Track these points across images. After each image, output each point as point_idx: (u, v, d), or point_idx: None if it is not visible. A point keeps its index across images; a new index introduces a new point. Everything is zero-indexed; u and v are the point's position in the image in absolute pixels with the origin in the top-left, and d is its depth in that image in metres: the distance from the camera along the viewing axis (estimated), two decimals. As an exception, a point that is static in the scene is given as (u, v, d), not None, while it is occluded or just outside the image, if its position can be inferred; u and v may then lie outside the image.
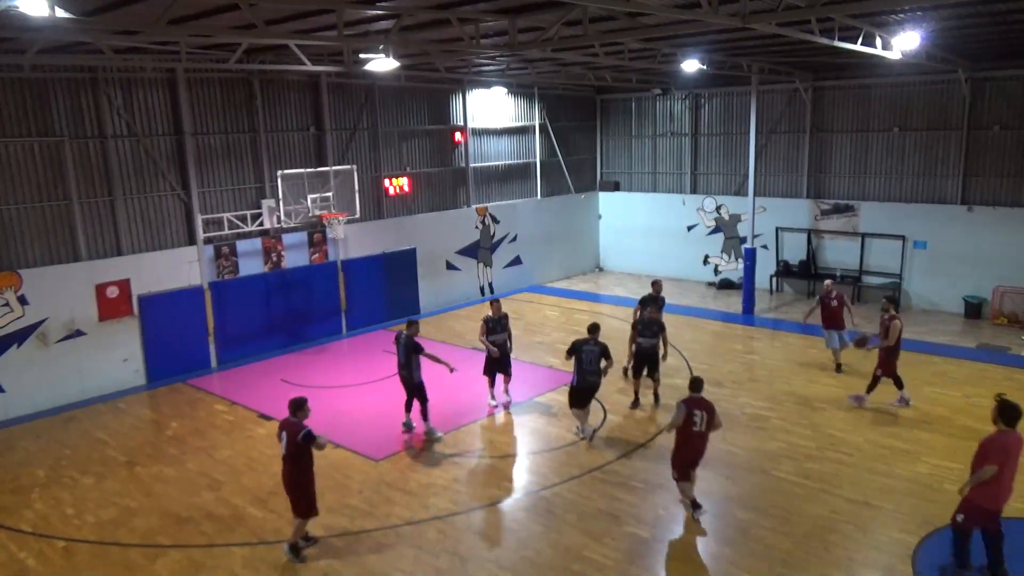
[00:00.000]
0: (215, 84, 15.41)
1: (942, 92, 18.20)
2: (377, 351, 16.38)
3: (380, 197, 18.66)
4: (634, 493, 9.72)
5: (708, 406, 8.88)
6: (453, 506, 9.51)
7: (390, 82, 18.37)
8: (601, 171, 25.24)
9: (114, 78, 14.01)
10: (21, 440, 12.21)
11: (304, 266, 17.16)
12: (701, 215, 22.86)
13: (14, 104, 12.93)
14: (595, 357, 11.15)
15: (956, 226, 18.16)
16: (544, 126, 22.88)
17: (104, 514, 9.64)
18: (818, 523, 8.84)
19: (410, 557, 8.39)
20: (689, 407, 8.74)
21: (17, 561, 8.62)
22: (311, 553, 8.52)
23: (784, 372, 14.34)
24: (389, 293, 18.94)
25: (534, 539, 8.74)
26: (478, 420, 12.31)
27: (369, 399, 13.49)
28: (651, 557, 8.34)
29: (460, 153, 20.64)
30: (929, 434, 11.29)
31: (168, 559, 8.53)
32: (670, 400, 12.99)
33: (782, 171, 21.17)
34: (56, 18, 7.85)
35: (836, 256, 20.27)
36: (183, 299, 15.13)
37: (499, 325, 12.71)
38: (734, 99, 21.86)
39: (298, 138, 16.93)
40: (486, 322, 12.68)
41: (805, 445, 10.98)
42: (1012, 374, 13.90)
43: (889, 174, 19.32)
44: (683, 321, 18.02)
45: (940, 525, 8.69)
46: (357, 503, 9.65)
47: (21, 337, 13.21)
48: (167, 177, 14.91)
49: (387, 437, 11.74)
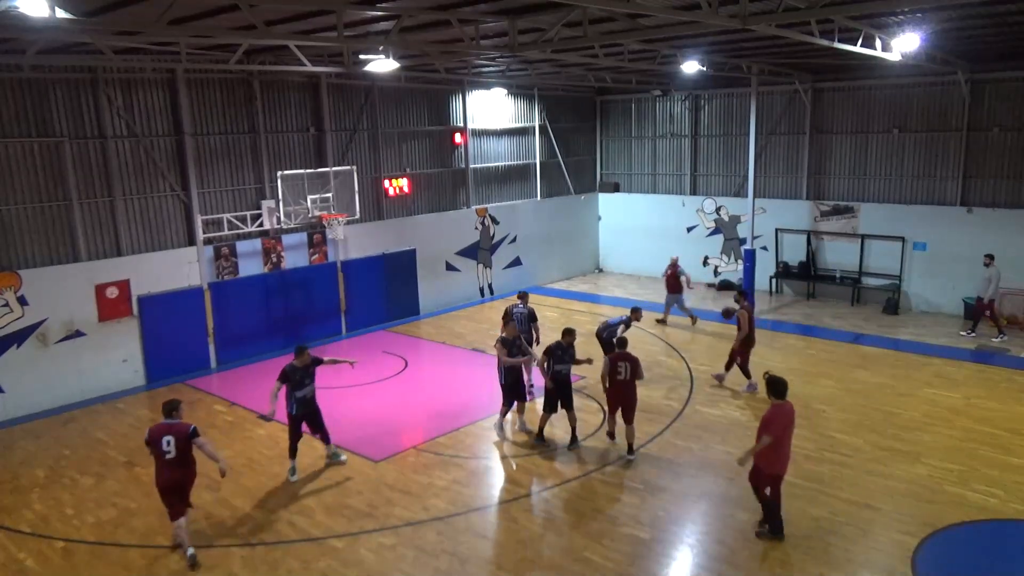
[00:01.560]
0: (215, 85, 15.41)
1: (942, 94, 18.22)
2: (377, 352, 16.40)
3: (380, 198, 18.66)
4: (634, 494, 9.71)
5: (632, 359, 10.62)
6: (453, 507, 9.51)
7: (390, 83, 18.38)
8: (601, 172, 25.26)
9: (114, 78, 14.01)
10: (21, 440, 12.21)
11: (304, 267, 17.17)
12: (701, 216, 22.87)
13: (14, 104, 12.93)
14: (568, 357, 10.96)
15: (956, 228, 18.16)
16: (544, 127, 22.89)
17: (103, 514, 9.63)
18: (818, 524, 8.84)
19: (410, 558, 8.39)
20: (613, 360, 10.59)
21: (16, 561, 8.62)
22: (309, 554, 8.52)
23: (783, 373, 14.18)
24: (389, 294, 18.95)
25: (534, 540, 8.74)
26: (477, 421, 12.30)
27: (369, 400, 13.50)
28: (650, 558, 8.33)
29: (460, 154, 20.65)
30: (929, 435, 11.30)
31: (167, 559, 8.52)
32: (671, 399, 13.02)
33: (782, 172, 21.19)
34: (56, 19, 7.86)
35: (836, 257, 20.28)
36: (183, 300, 15.13)
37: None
38: (734, 100, 21.88)
39: (298, 139, 16.94)
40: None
41: (804, 446, 10.96)
42: (1012, 375, 13.92)
43: (889, 175, 19.33)
44: (682, 322, 18.03)
45: (940, 526, 8.71)
46: (357, 504, 9.65)
47: (21, 337, 13.20)
48: (167, 178, 14.92)
49: (386, 438, 11.74)
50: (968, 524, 8.80)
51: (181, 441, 8.29)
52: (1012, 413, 12.08)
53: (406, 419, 12.71)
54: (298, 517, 9.36)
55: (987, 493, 9.48)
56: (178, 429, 8.34)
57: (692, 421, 12.11)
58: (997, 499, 9.34)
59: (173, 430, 8.32)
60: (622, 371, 10.54)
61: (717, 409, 12.61)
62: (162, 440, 8.28)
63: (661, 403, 12.87)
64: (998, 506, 9.19)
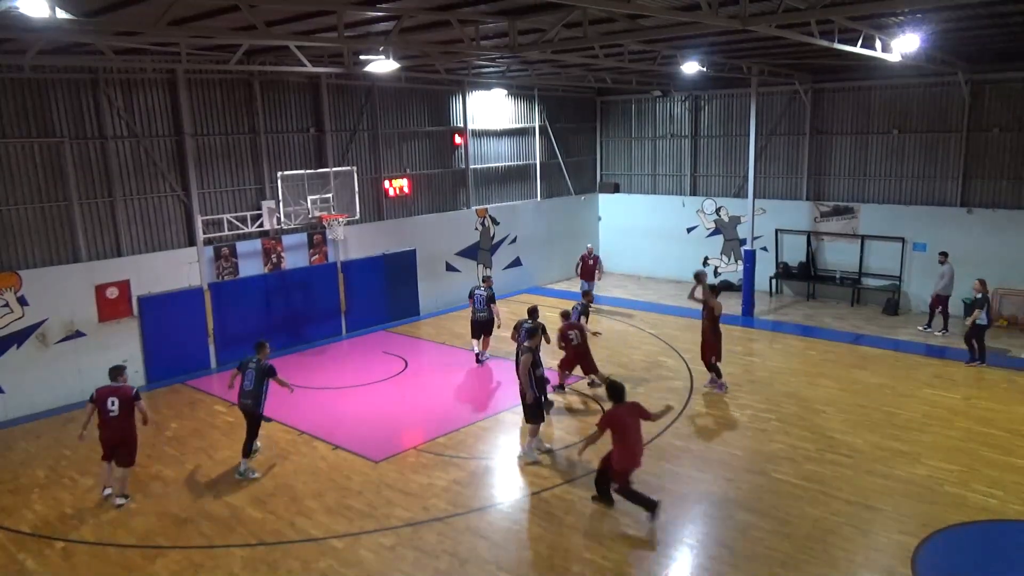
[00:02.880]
0: (215, 85, 15.42)
1: (942, 94, 18.22)
2: (377, 352, 16.40)
3: (380, 198, 18.66)
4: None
5: (578, 327, 13.24)
6: (453, 507, 9.51)
7: (390, 83, 18.39)
8: (601, 173, 25.26)
9: (114, 79, 14.02)
10: (21, 440, 12.22)
11: (304, 267, 17.17)
12: (701, 217, 22.87)
13: (14, 105, 12.93)
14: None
15: (956, 228, 18.15)
16: (544, 128, 22.90)
17: (103, 515, 9.63)
18: (818, 525, 8.84)
19: (410, 558, 8.39)
20: (563, 329, 13.19)
21: (16, 562, 8.61)
22: (309, 555, 8.52)
23: (783, 374, 14.34)
24: (389, 294, 18.95)
25: (533, 541, 8.74)
26: (477, 422, 12.30)
27: (369, 400, 13.50)
28: (650, 558, 8.33)
29: (460, 154, 20.65)
30: (928, 436, 11.30)
31: (167, 560, 8.52)
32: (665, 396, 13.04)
33: (782, 173, 21.19)
34: (56, 19, 7.87)
35: (836, 258, 20.28)
36: (183, 300, 15.13)
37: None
38: (734, 101, 21.88)
39: (298, 139, 16.94)
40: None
41: (804, 447, 10.98)
42: (1012, 376, 13.91)
43: (889, 176, 19.33)
44: (682, 323, 18.02)
45: (940, 527, 8.71)
46: (357, 504, 9.65)
47: (21, 338, 13.21)
48: (167, 178, 14.92)
49: (387, 438, 11.74)
50: (968, 524, 8.79)
51: (125, 402, 9.59)
52: (1012, 414, 12.08)
53: (406, 419, 12.71)
54: (298, 517, 9.36)
55: (987, 494, 9.48)
56: (123, 392, 9.64)
57: (692, 421, 12.12)
58: (997, 500, 9.34)
59: (119, 392, 9.62)
60: (572, 337, 13.11)
61: (717, 409, 12.61)
62: (107, 400, 9.58)
63: (661, 403, 12.81)
64: (998, 507, 9.19)
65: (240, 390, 10.53)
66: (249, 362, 10.54)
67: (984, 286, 14.53)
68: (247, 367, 10.51)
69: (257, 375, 10.41)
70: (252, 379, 10.42)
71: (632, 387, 13.62)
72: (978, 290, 14.52)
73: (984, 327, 14.47)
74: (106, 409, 9.54)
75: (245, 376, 10.50)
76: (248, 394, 10.45)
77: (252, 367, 10.48)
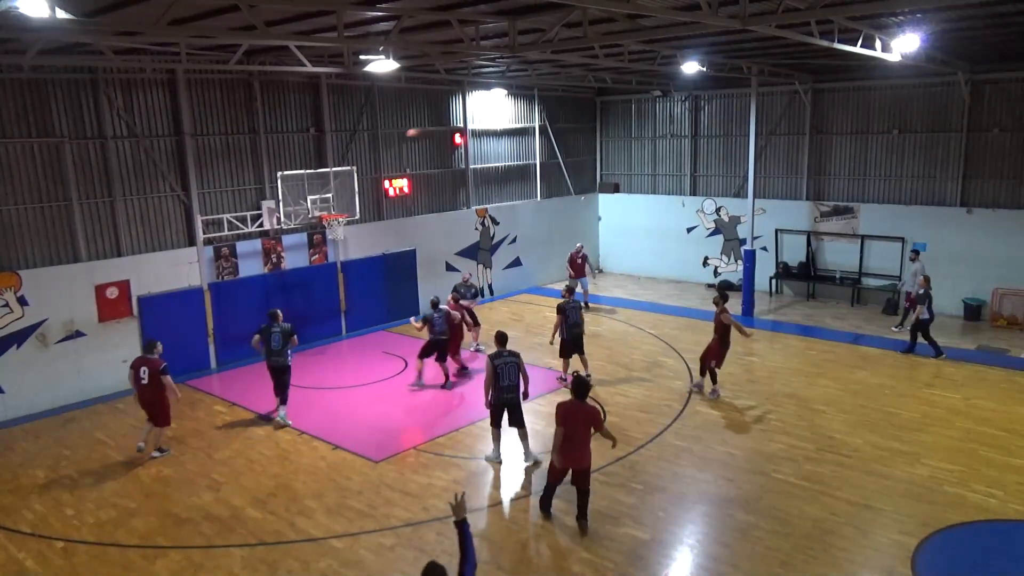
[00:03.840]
0: (215, 85, 15.42)
1: (941, 94, 18.22)
2: (377, 352, 16.40)
3: (380, 198, 18.66)
4: (633, 495, 9.71)
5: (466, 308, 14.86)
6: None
7: (390, 83, 18.38)
8: (601, 173, 25.27)
9: (114, 79, 14.02)
10: (21, 440, 12.21)
11: (304, 267, 17.16)
12: (701, 217, 22.87)
13: (14, 105, 12.93)
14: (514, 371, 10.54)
15: (955, 228, 18.16)
16: (544, 128, 22.89)
17: (103, 515, 9.63)
18: (817, 525, 8.84)
19: (410, 559, 8.39)
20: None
21: (16, 562, 8.62)
22: (309, 555, 8.53)
23: (783, 374, 14.35)
24: (389, 294, 18.95)
25: (534, 540, 8.74)
26: (477, 422, 12.30)
27: (369, 400, 13.51)
28: (650, 559, 8.34)
29: (460, 154, 20.66)
30: (928, 436, 11.30)
31: (167, 560, 8.52)
32: (668, 397, 13.03)
33: (782, 173, 21.19)
34: (56, 19, 7.87)
35: (836, 258, 20.29)
36: (183, 300, 15.13)
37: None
38: (734, 101, 21.88)
39: (298, 139, 16.94)
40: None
41: (804, 447, 10.98)
42: (1011, 376, 13.92)
43: (888, 176, 19.33)
44: (682, 323, 18.03)
45: (940, 527, 8.71)
46: (357, 504, 9.65)
47: (21, 338, 13.20)
48: (167, 178, 14.92)
49: (386, 438, 11.74)
50: (968, 524, 8.80)
51: (154, 373, 10.99)
52: (1012, 414, 12.09)
53: (406, 419, 12.70)
54: (298, 517, 9.36)
55: (987, 494, 9.49)
56: (153, 364, 11.06)
57: (692, 421, 12.11)
58: (997, 500, 9.35)
59: (149, 363, 11.06)
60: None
61: (717, 409, 12.61)
62: (140, 369, 11.04)
63: (661, 403, 12.87)
64: (998, 507, 9.19)
65: (268, 351, 12.18)
66: (271, 327, 12.17)
67: (928, 283, 15.24)
68: (271, 332, 12.14)
69: (283, 336, 12.15)
70: (279, 340, 12.13)
71: (632, 387, 13.68)
72: (922, 286, 15.18)
73: (928, 321, 15.03)
74: (138, 377, 11.01)
75: (272, 339, 12.12)
76: (279, 352, 12.14)
77: (276, 331, 12.14)
